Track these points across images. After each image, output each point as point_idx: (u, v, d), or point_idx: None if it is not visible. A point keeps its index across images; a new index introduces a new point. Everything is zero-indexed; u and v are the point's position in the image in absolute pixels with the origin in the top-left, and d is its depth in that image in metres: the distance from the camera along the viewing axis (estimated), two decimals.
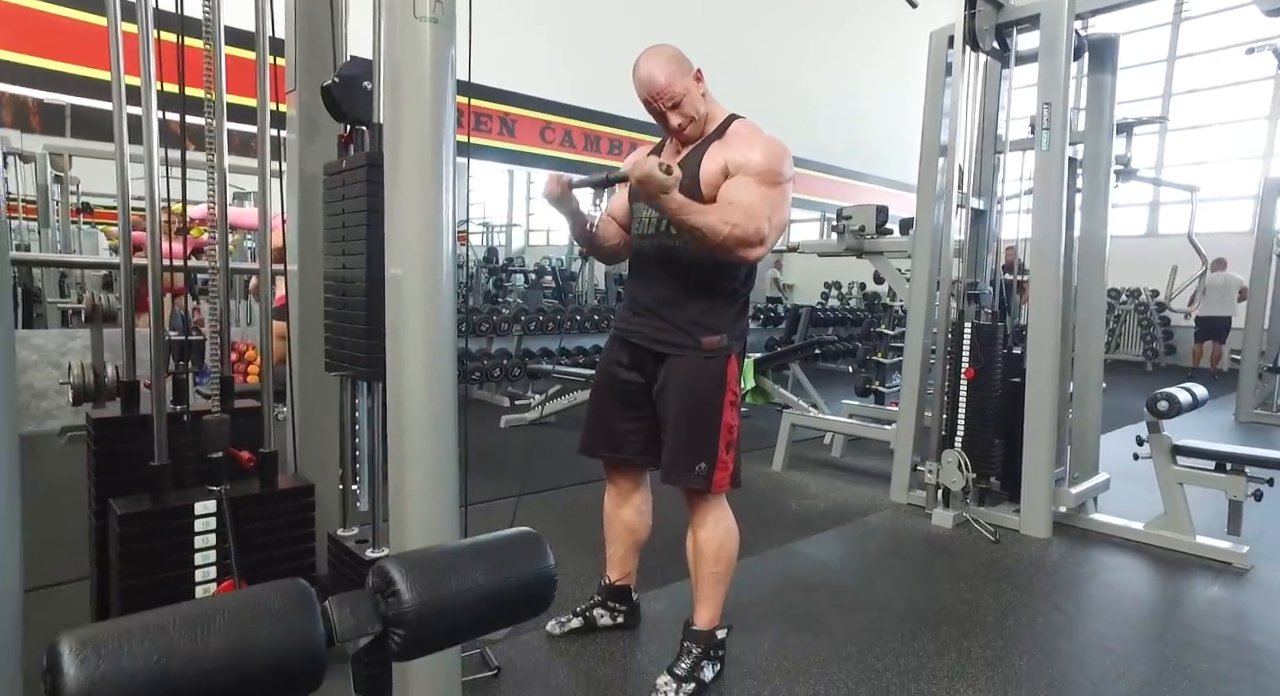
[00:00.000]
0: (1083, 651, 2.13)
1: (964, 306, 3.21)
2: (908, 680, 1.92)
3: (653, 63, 1.79)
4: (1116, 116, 3.44)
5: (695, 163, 1.79)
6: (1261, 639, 2.28)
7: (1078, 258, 3.40)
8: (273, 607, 0.68)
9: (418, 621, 0.75)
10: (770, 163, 1.75)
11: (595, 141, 7.77)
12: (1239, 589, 2.63)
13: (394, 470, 1.20)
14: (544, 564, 0.87)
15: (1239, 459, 2.79)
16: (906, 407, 3.51)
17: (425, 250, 1.18)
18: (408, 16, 1.12)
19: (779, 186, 1.75)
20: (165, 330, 1.15)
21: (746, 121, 1.87)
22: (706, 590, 1.90)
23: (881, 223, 3.74)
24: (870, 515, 3.33)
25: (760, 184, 1.72)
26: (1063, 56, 2.96)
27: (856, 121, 9.97)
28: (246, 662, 0.64)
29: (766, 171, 1.74)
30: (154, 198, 1.24)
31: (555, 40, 7.12)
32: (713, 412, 1.83)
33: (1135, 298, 10.47)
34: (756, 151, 1.75)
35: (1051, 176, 3.05)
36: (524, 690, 1.82)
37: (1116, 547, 2.98)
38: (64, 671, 0.55)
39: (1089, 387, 3.41)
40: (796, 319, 7.27)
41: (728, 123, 1.86)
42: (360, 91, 1.29)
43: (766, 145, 1.78)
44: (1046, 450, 3.05)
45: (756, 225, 1.68)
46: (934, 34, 3.38)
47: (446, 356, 1.21)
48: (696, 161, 1.80)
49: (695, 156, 1.81)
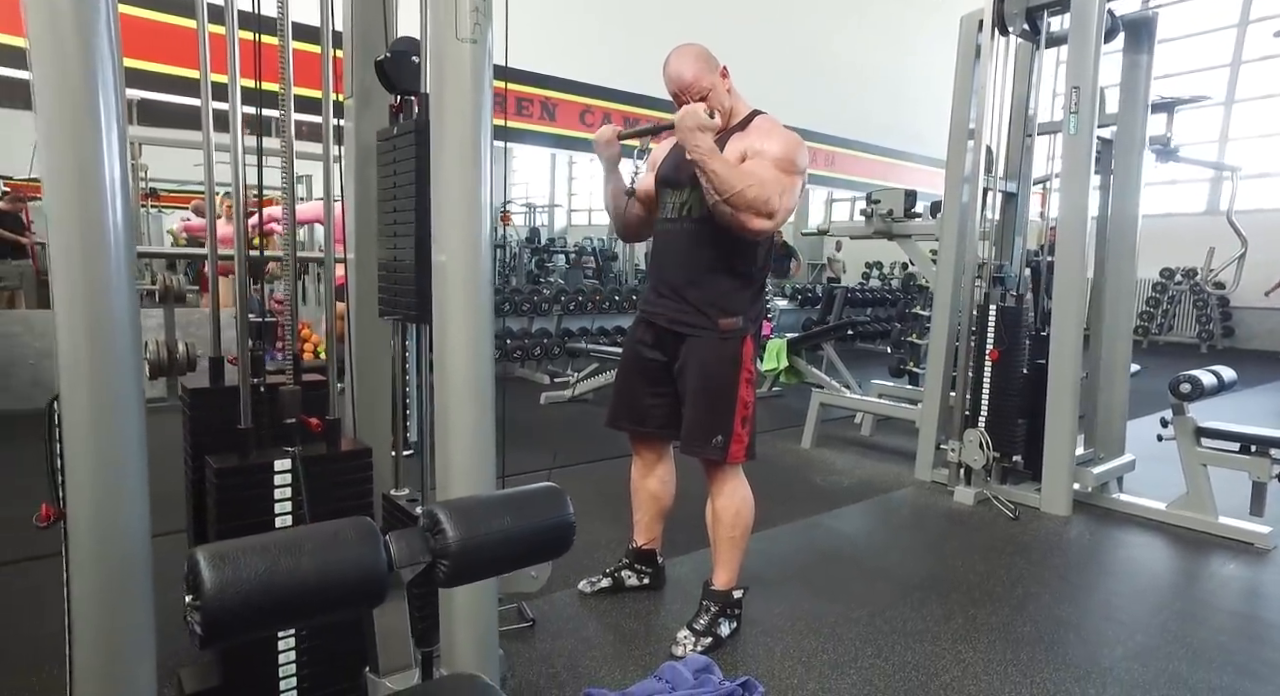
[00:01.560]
0: (1087, 620, 2.23)
1: (990, 289, 3.26)
2: (912, 641, 2.05)
3: (681, 60, 1.93)
4: (1157, 95, 3.42)
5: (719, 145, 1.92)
6: (1271, 615, 2.34)
7: (1109, 239, 3.41)
8: (346, 537, 0.86)
9: (460, 554, 0.92)
10: (787, 153, 1.88)
11: (634, 124, 7.86)
12: (1257, 568, 2.67)
13: (439, 439, 1.38)
14: (564, 512, 1.03)
15: (1264, 441, 2.81)
16: (932, 387, 3.59)
17: (466, 240, 1.35)
18: (449, 37, 1.28)
19: (792, 175, 1.88)
20: (248, 311, 1.35)
21: (768, 116, 1.99)
22: (724, 553, 2.06)
23: (910, 206, 3.79)
24: (894, 491, 3.44)
25: (775, 168, 1.86)
26: (1093, 40, 2.97)
27: (900, 99, 9.82)
28: (326, 577, 0.82)
29: (783, 159, 1.87)
30: (241, 189, 1.42)
31: (594, 23, 7.21)
32: (729, 389, 1.97)
33: (1190, 277, 10.14)
34: (775, 142, 1.89)
35: (1079, 160, 3.07)
36: (557, 640, 2.01)
37: (1137, 526, 3.04)
38: (202, 573, 0.73)
39: (1116, 368, 3.44)
40: (832, 299, 7.30)
41: (750, 117, 1.99)
42: (409, 64, 1.46)
43: (784, 137, 1.91)
44: (1068, 429, 3.11)
45: (769, 195, 1.82)
46: (964, 18, 3.40)
47: (485, 338, 1.38)
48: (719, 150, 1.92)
49: (718, 146, 1.94)
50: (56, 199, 0.98)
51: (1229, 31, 10.52)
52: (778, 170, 1.86)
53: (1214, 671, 1.95)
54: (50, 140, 0.98)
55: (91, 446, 1.01)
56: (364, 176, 1.74)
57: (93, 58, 0.97)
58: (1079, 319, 3.13)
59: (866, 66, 9.46)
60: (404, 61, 1.48)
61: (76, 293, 0.99)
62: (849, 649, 2.00)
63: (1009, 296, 3.22)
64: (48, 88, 0.96)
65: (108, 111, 0.99)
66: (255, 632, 0.81)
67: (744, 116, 2.00)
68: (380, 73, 1.48)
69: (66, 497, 1.01)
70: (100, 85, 0.98)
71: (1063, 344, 3.12)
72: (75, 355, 1.00)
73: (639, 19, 7.61)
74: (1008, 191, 3.43)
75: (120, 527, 1.03)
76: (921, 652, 2.00)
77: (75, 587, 1.02)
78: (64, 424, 1.01)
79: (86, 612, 1.03)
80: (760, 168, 1.85)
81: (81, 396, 1.00)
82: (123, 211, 1.02)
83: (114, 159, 1.00)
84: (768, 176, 1.84)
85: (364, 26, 1.71)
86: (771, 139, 1.90)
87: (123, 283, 1.02)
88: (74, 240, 0.99)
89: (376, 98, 1.75)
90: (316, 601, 0.83)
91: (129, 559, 1.03)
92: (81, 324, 1.00)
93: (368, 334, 1.72)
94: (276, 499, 1.30)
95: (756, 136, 1.92)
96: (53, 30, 0.95)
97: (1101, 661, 1.98)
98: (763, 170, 1.85)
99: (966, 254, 3.38)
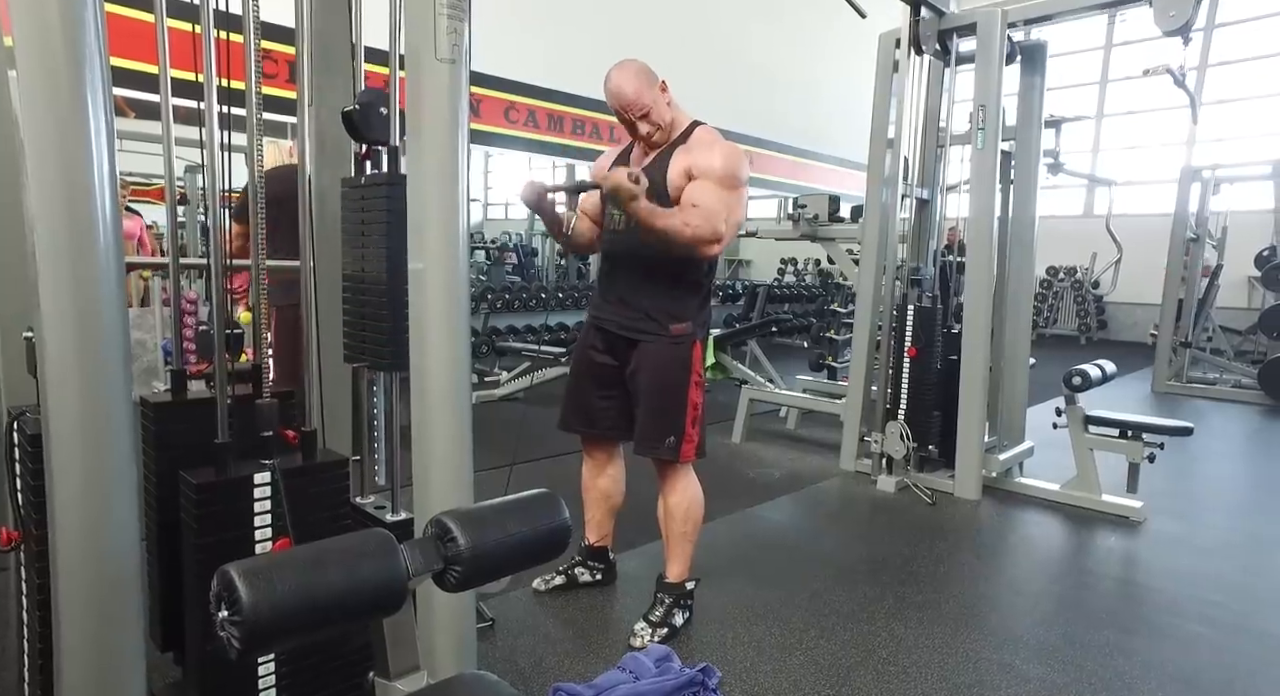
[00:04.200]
0: (999, 593, 2.48)
1: (907, 289, 3.50)
2: (850, 621, 2.22)
3: (622, 77, 1.98)
4: (1047, 113, 3.76)
5: (663, 166, 2.01)
6: (1144, 578, 2.67)
7: (1009, 242, 3.73)
8: (369, 549, 0.89)
9: (470, 560, 0.97)
10: (729, 168, 1.97)
11: (559, 121, 7.86)
12: (1132, 538, 3.02)
13: (419, 444, 1.41)
14: (561, 516, 1.10)
15: (1137, 426, 3.17)
16: (855, 383, 3.82)
17: (446, 249, 1.39)
18: (429, 58, 1.31)
19: (736, 190, 1.98)
20: (225, 324, 1.33)
21: (708, 128, 2.08)
22: (675, 548, 2.16)
23: (834, 211, 4.01)
24: (821, 482, 3.64)
25: (719, 187, 1.95)
26: (996, 63, 3.24)
27: (813, 101, 10.22)
28: (353, 587, 0.86)
29: (726, 177, 1.96)
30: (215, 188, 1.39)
31: (520, 20, 7.15)
32: (680, 392, 2.07)
33: (1071, 275, 11.08)
34: (717, 158, 1.97)
35: (985, 171, 3.35)
36: (519, 638, 2.06)
37: (1036, 506, 3.36)
38: (239, 589, 0.76)
39: (1017, 361, 3.77)
40: (754, 297, 7.56)
41: (691, 129, 2.07)
42: (377, 116, 1.47)
43: (726, 152, 1.99)
44: (978, 420, 3.40)
45: (713, 226, 1.91)
46: (882, 36, 3.63)
47: (463, 344, 1.42)
48: (664, 165, 2.01)
49: (662, 160, 2.02)
50: (43, 203, 0.95)
51: (1097, 53, 11.55)
52: (722, 189, 1.94)
53: (1103, 630, 2.21)
54: (37, 140, 0.94)
55: (80, 458, 0.99)
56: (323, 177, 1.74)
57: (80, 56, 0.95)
58: (988, 316, 3.42)
59: (780, 69, 9.80)
60: (372, 113, 1.50)
61: (64, 298, 0.97)
62: (794, 631, 2.15)
63: (924, 297, 3.48)
64: (33, 88, 0.93)
65: (95, 110, 0.97)
66: (288, 644, 0.84)
67: (685, 128, 2.07)
68: (348, 123, 1.49)
69: (55, 513, 0.99)
70: (88, 84, 0.96)
71: (973, 340, 3.40)
72: (63, 363, 0.98)
73: (564, 16, 7.61)
74: (922, 197, 3.68)
75: (111, 542, 1.01)
76: (859, 631, 2.16)
77: (64, 607, 1.00)
78: (49, 436, 0.99)
79: (75, 631, 1.01)
80: (703, 193, 1.92)
81: (71, 407, 0.98)
82: (110, 213, 1.00)
83: (103, 159, 0.98)
84: (711, 203, 1.91)
85: (326, 27, 1.70)
86: (713, 154, 1.97)
87: (111, 287, 1.00)
88: (62, 243, 0.96)
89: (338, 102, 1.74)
90: (343, 611, 0.86)
91: (121, 574, 1.02)
92: (71, 331, 0.98)
93: (331, 339, 1.72)
94: (256, 512, 1.29)
95: (699, 152, 1.99)
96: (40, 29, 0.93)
97: (1014, 628, 2.21)
98: (707, 197, 1.92)
99: (886, 256, 3.62)
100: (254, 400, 1.35)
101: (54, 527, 1.00)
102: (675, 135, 2.05)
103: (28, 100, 0.94)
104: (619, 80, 1.98)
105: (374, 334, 1.49)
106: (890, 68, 3.63)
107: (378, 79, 1.62)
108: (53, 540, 1.00)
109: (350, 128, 1.48)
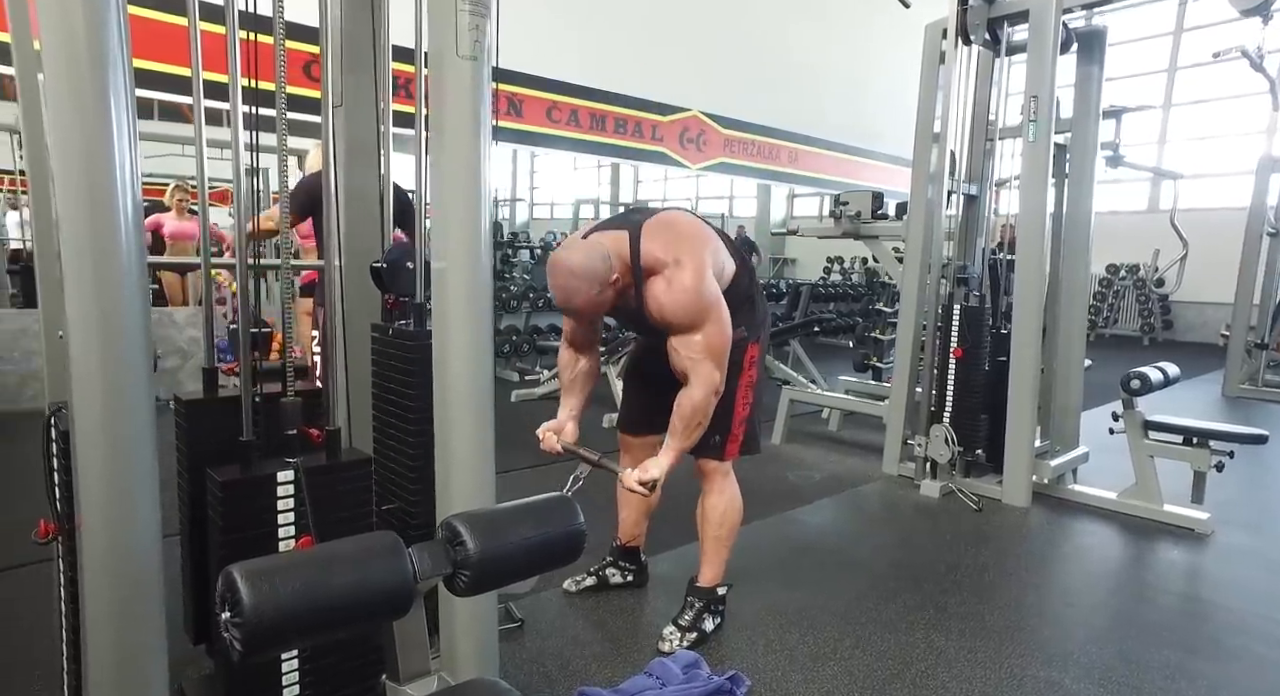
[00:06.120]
0: (1048, 606, 2.36)
1: (954, 288, 3.38)
2: (887, 631, 2.14)
3: (567, 289, 1.80)
4: (1106, 103, 3.58)
5: (638, 300, 1.89)
6: (1210, 594, 2.51)
7: (1064, 239, 3.57)
8: (375, 552, 0.88)
9: (479, 565, 0.95)
10: (693, 316, 1.82)
11: (601, 120, 7.86)
12: (1198, 551, 2.85)
13: (440, 447, 1.40)
14: (575, 521, 1.08)
15: (1203, 433, 2.99)
16: (899, 384, 3.71)
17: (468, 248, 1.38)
18: (451, 55, 1.30)
19: (708, 319, 1.83)
20: (250, 323, 1.35)
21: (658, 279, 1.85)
22: (710, 551, 2.12)
23: (877, 207, 3.90)
24: (862, 485, 3.55)
25: (696, 337, 1.83)
26: (1050, 51, 3.10)
27: (860, 97, 10.00)
28: (358, 591, 0.85)
29: (697, 315, 1.82)
30: (241, 214, 1.42)
31: (560, 20, 7.18)
32: (729, 395, 2.00)
33: (1134, 273, 10.59)
34: (680, 313, 1.83)
35: (1038, 165, 3.20)
36: (545, 639, 2.05)
37: (1090, 515, 3.20)
38: (240, 591, 0.76)
39: (1071, 363, 3.60)
40: (797, 296, 7.43)
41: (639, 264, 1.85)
42: (404, 271, 1.52)
43: (681, 291, 1.82)
44: (1028, 424, 3.26)
45: (707, 390, 1.84)
46: (929, 27, 3.51)
47: (485, 346, 1.41)
48: (639, 300, 1.89)
49: (636, 297, 1.89)
50: (68, 204, 0.97)
51: (1166, 39, 10.99)
52: (698, 335, 1.82)
53: (1163, 650, 2.08)
54: (61, 144, 0.96)
55: (104, 455, 1.01)
56: (353, 178, 1.76)
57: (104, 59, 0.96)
58: (1038, 317, 3.27)
59: (826, 66, 9.62)
60: (400, 269, 1.54)
61: (87, 298, 0.99)
62: (828, 640, 2.08)
63: (971, 296, 3.35)
64: (59, 91, 0.95)
65: (119, 113, 0.98)
66: (291, 646, 0.84)
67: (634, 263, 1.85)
68: (375, 277, 1.57)
69: (81, 509, 1.01)
70: (111, 87, 0.97)
71: (1023, 341, 3.26)
72: (87, 363, 1.00)
73: (605, 17, 7.61)
74: (970, 193, 3.55)
75: (133, 538, 1.03)
76: (896, 642, 2.09)
77: (89, 601, 1.02)
78: (76, 433, 1.01)
79: (100, 621, 1.03)
80: (693, 363, 1.83)
81: (94, 405, 1.00)
82: (134, 215, 1.02)
83: (125, 161, 1.00)
84: (701, 370, 1.83)
85: (354, 28, 1.72)
86: (673, 301, 1.82)
87: (133, 288, 1.02)
88: (85, 244, 0.98)
89: (364, 101, 1.76)
90: (348, 614, 0.85)
91: (142, 569, 1.04)
92: (94, 331, 1.00)
93: (356, 341, 1.73)
94: (279, 510, 1.31)
95: (664, 305, 1.84)
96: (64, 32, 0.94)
97: (1064, 644, 2.10)
98: (694, 365, 1.83)
99: (931, 254, 3.50)
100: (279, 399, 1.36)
101: (83, 521, 1.02)
102: (629, 278, 1.87)
103: (54, 103, 0.96)
104: (564, 291, 1.81)
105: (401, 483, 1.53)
106: (936, 59, 3.50)
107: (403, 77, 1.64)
108: (66, 537, 1.01)
109: (378, 280, 1.55)
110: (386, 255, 1.59)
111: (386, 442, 1.64)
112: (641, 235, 1.86)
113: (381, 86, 1.71)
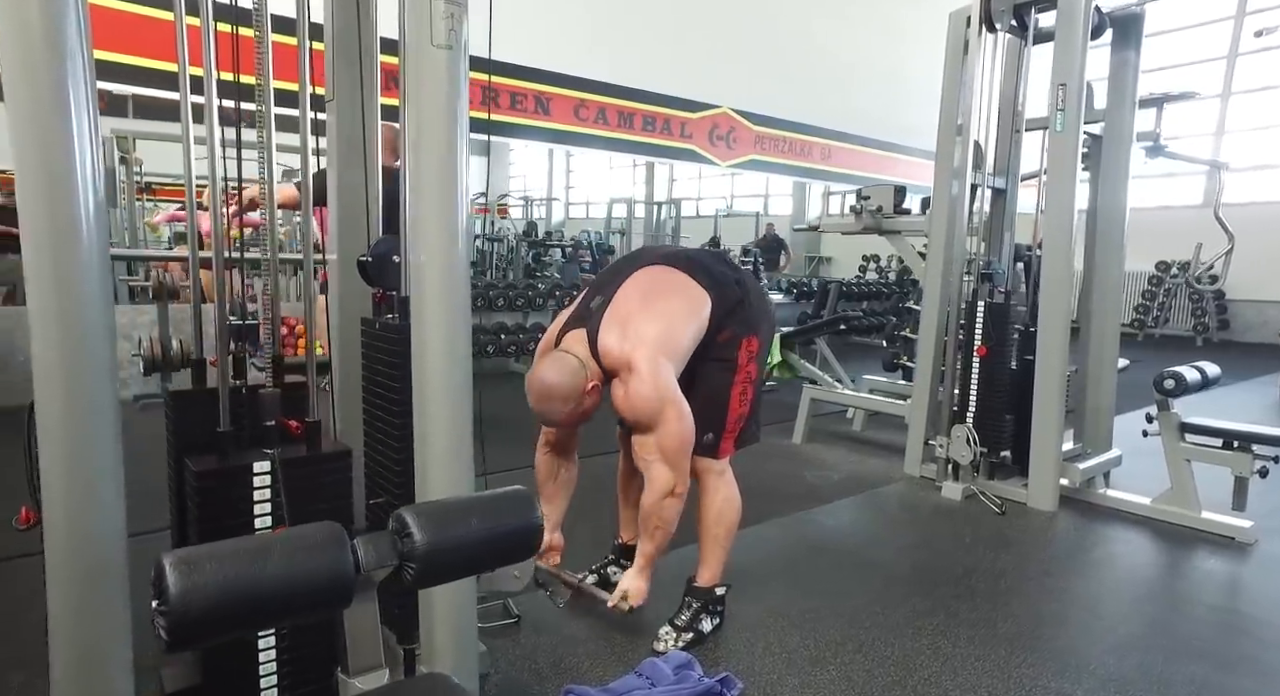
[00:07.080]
0: (1069, 614, 2.26)
1: (978, 285, 3.27)
2: (892, 635, 2.08)
3: (546, 412, 1.90)
4: (1146, 91, 3.42)
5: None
6: (1250, 607, 2.36)
7: (1097, 234, 3.42)
8: (314, 542, 0.88)
9: (426, 557, 0.94)
10: (649, 417, 1.87)
11: (629, 118, 7.85)
12: (1238, 562, 2.70)
13: (419, 442, 1.40)
14: (531, 516, 1.05)
15: (1245, 436, 2.84)
16: (921, 383, 3.60)
17: (444, 242, 1.37)
18: (426, 44, 1.30)
19: (662, 419, 1.86)
20: (227, 315, 1.36)
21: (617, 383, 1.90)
22: (707, 551, 2.09)
23: (899, 202, 3.80)
24: (882, 486, 3.46)
25: (650, 438, 1.89)
26: (1079, 37, 2.97)
27: (893, 92, 9.79)
28: (293, 581, 0.84)
29: (650, 424, 1.88)
30: (217, 198, 1.44)
31: (588, 18, 7.18)
32: (721, 393, 2.02)
33: (1185, 270, 10.13)
34: (637, 416, 1.89)
35: (1066, 157, 3.07)
36: (541, 636, 2.03)
37: (1121, 521, 3.06)
38: (167, 578, 0.75)
39: (1104, 363, 3.46)
40: (826, 294, 7.30)
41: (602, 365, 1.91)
42: (390, 265, 1.52)
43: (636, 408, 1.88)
44: (1054, 425, 3.13)
45: (659, 494, 1.90)
46: (953, 15, 3.40)
47: (463, 341, 1.40)
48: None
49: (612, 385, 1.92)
50: (26, 198, 0.98)
51: (1224, 24, 10.48)
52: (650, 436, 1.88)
53: (1191, 664, 1.97)
54: (20, 136, 0.97)
55: (65, 450, 1.03)
56: (346, 173, 1.77)
57: (61, 51, 0.97)
58: (1065, 314, 3.14)
59: (857, 60, 9.44)
60: (385, 262, 1.55)
61: (47, 293, 1.00)
62: (830, 643, 2.03)
63: (997, 293, 3.24)
64: (16, 81, 0.96)
65: (78, 106, 0.99)
66: (222, 636, 0.83)
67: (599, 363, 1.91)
68: (362, 271, 1.58)
69: (43, 503, 1.03)
70: (70, 77, 0.98)
71: (1050, 339, 3.14)
72: (47, 358, 1.01)
73: (632, 14, 7.59)
74: (996, 187, 3.43)
75: (95, 531, 1.04)
76: (901, 647, 2.02)
77: (51, 590, 1.04)
78: (38, 427, 1.03)
79: (62, 614, 1.05)
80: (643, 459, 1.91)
81: (55, 400, 1.02)
82: (95, 210, 1.02)
83: (85, 155, 1.00)
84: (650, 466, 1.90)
85: (343, 22, 1.73)
86: (631, 408, 1.88)
87: (94, 283, 1.03)
88: (44, 239, 0.99)
89: (357, 94, 1.77)
90: (283, 605, 0.85)
91: (104, 562, 1.05)
92: (54, 326, 1.01)
93: (349, 334, 1.74)
94: (256, 501, 1.31)
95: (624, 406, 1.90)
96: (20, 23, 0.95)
97: (1081, 655, 2.01)
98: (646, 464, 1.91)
99: (955, 250, 3.39)
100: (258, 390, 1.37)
101: (44, 513, 1.03)
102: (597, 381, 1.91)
103: (10, 94, 0.97)
104: (544, 412, 1.91)
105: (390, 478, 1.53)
106: (960, 49, 3.39)
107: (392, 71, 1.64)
108: (44, 523, 1.03)
109: (364, 274, 1.55)
110: (373, 249, 1.59)
111: (375, 436, 1.64)
112: (600, 330, 1.90)
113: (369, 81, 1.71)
